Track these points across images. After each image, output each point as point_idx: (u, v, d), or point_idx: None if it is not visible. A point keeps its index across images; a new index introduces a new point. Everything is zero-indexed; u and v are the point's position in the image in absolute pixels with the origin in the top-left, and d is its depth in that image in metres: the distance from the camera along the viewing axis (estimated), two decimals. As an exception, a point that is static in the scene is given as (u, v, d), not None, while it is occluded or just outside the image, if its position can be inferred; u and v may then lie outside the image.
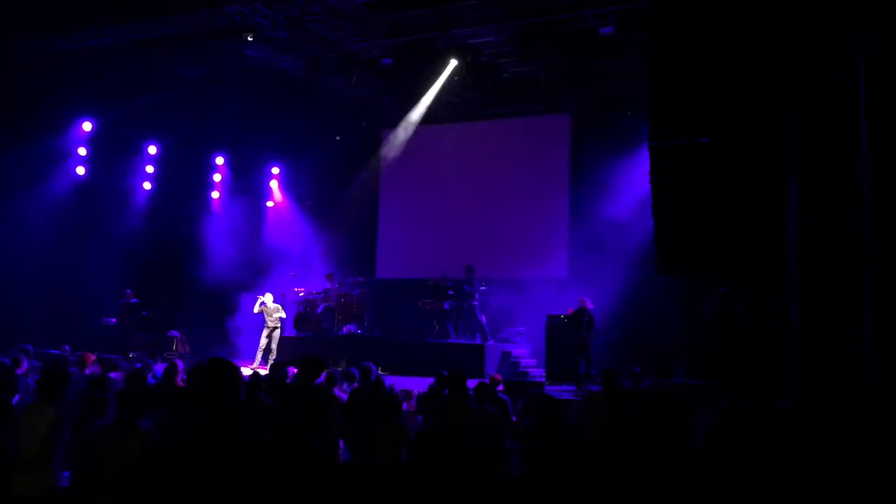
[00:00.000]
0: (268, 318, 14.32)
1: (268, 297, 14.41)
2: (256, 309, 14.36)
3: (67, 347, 11.48)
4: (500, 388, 8.45)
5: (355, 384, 7.88)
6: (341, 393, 7.59)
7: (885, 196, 5.96)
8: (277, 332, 14.36)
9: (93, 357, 8.12)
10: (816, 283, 7.20)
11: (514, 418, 7.46)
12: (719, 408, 6.44)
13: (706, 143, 7.35)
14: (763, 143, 7.53)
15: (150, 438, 5.16)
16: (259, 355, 14.18)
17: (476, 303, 14.21)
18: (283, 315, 14.58)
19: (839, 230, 6.89)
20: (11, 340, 9.84)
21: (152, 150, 17.04)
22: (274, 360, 13.65)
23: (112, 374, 7.66)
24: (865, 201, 6.14)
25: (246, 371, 11.40)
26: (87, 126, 15.93)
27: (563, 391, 11.60)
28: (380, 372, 9.81)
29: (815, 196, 7.33)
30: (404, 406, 7.38)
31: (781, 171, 7.88)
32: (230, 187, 18.35)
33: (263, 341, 14.27)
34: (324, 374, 7.41)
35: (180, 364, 7.60)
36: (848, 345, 6.66)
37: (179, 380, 7.45)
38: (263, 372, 9.56)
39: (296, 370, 7.10)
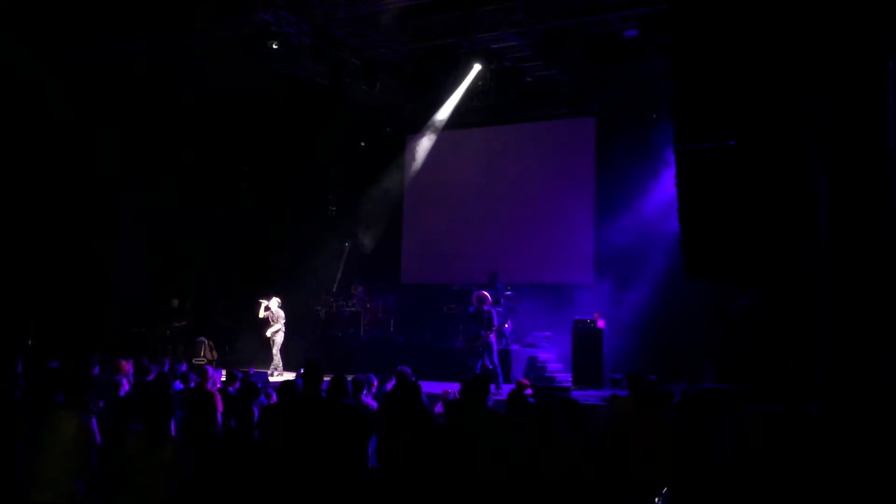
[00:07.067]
0: (273, 323, 14.18)
1: (273, 302, 14.29)
2: (261, 314, 14.18)
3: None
4: (529, 391, 8.44)
5: (374, 389, 7.90)
6: (367, 399, 7.59)
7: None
8: (280, 337, 14.22)
9: (127, 364, 8.19)
10: (847, 284, 7.11)
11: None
12: (748, 413, 6.38)
13: (733, 146, 7.29)
14: (790, 145, 7.45)
15: (179, 447, 5.20)
16: (280, 360, 14.03)
17: (501, 308, 14.16)
18: (283, 321, 14.25)
19: (869, 231, 6.80)
20: (42, 346, 9.94)
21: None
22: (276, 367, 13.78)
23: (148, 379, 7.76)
24: (895, 201, 6.06)
25: (280, 379, 11.43)
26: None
27: (589, 396, 11.52)
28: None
29: (845, 197, 7.24)
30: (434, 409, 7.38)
31: (810, 172, 7.80)
32: (256, 194, 18.39)
33: (276, 347, 14.14)
34: (350, 380, 7.43)
35: (210, 370, 7.67)
36: (880, 345, 6.57)
37: (209, 385, 7.52)
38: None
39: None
